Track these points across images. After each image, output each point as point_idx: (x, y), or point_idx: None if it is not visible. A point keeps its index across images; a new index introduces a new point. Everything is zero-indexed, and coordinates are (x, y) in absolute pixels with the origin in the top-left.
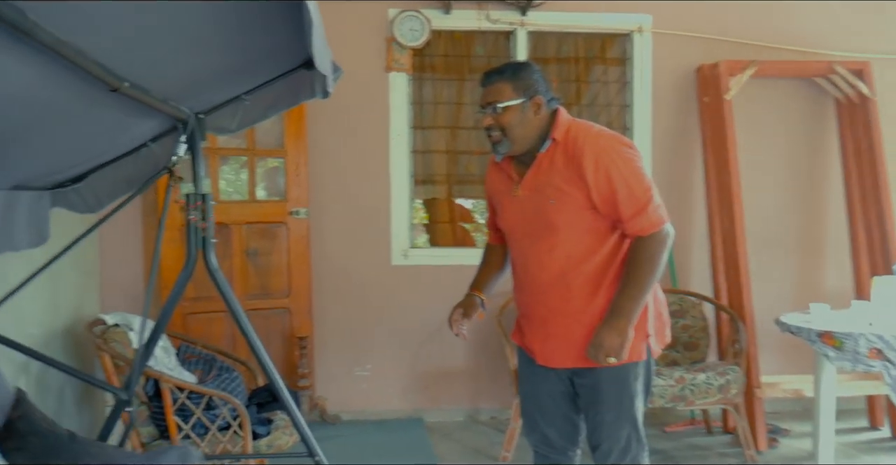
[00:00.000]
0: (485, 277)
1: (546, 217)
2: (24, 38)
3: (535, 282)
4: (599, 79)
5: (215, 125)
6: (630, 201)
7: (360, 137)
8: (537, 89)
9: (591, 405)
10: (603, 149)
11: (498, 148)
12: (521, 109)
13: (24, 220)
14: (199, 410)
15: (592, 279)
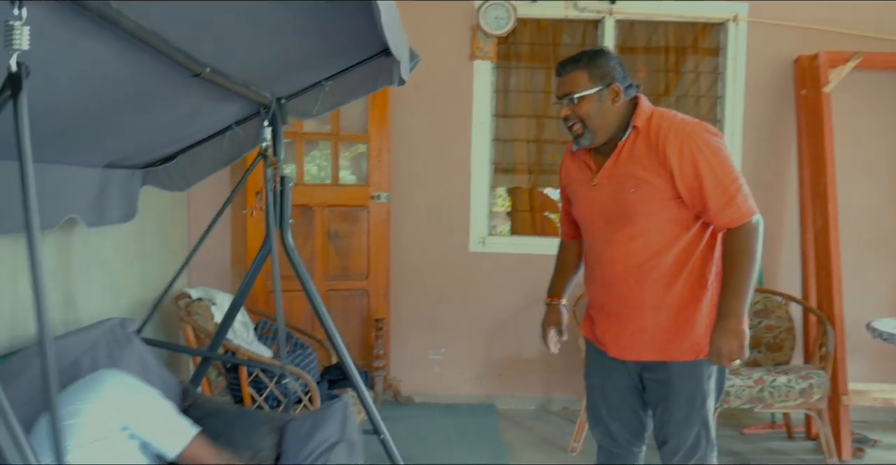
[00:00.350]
0: (562, 281)
1: (625, 207)
2: (109, 27)
3: (609, 273)
4: (690, 70)
5: (297, 110)
6: (718, 191)
7: (442, 125)
8: (614, 77)
9: (660, 400)
10: (689, 136)
11: (580, 141)
12: (599, 98)
13: (116, 196)
14: (273, 383)
15: (670, 271)
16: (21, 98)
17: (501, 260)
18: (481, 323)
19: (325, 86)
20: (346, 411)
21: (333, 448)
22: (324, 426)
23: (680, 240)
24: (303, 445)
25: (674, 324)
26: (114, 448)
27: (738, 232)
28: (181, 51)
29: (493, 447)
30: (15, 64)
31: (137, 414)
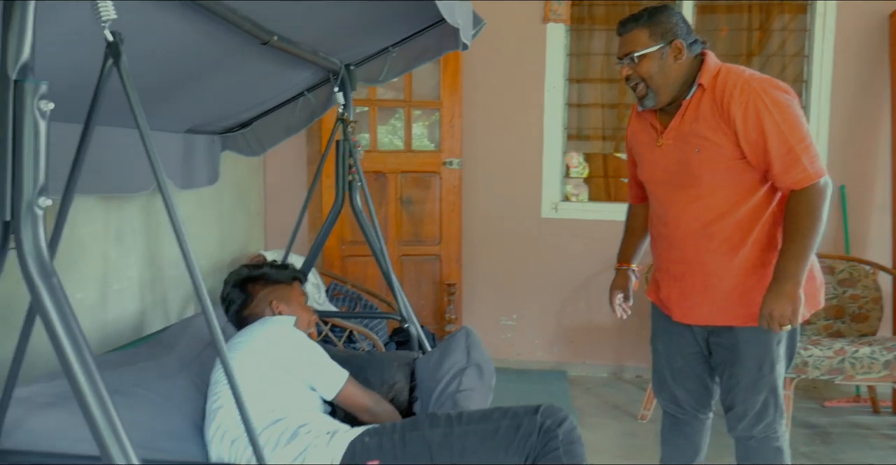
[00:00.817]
0: (631, 246)
1: (689, 168)
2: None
3: (674, 236)
4: (775, 27)
5: (365, 76)
6: (783, 150)
7: (514, 89)
8: (677, 33)
9: (726, 366)
10: (754, 92)
11: (644, 102)
12: (660, 56)
13: (201, 160)
14: (341, 342)
15: (735, 234)
16: (122, 63)
17: (574, 226)
18: (553, 289)
19: (392, 52)
20: (469, 338)
21: (463, 372)
22: (450, 355)
23: (746, 202)
24: (434, 373)
25: (741, 288)
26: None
27: (802, 194)
28: (249, 20)
29: None
30: (110, 34)
31: (296, 360)
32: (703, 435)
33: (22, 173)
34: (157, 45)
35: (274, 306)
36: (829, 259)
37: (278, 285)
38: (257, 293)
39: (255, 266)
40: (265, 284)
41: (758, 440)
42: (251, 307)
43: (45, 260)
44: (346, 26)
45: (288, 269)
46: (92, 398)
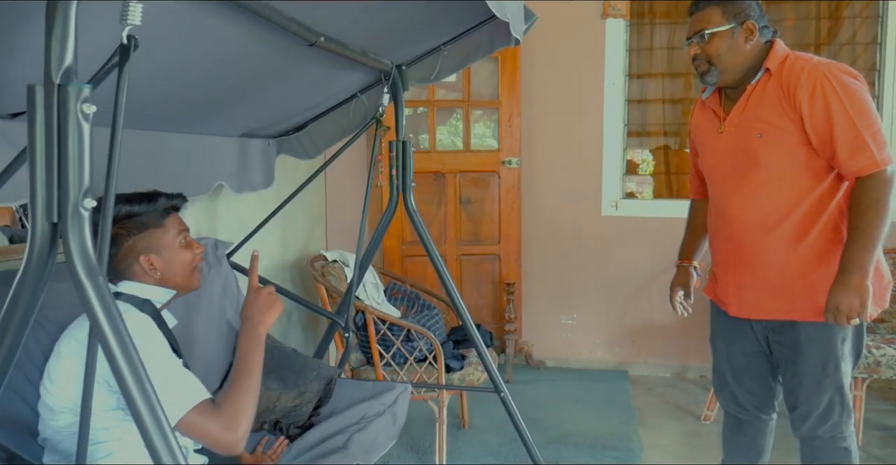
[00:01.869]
0: (693, 242)
1: (752, 154)
2: (227, 2)
3: (733, 226)
4: (845, 15)
5: (417, 76)
6: (850, 136)
7: (573, 86)
8: (749, 14)
9: (788, 364)
10: (822, 76)
11: (706, 78)
12: (731, 35)
13: (256, 164)
14: (399, 341)
15: (799, 225)
16: (126, 68)
17: (634, 224)
18: (614, 288)
19: (444, 50)
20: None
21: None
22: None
23: (811, 192)
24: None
25: (803, 281)
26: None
27: (868, 181)
28: (296, 21)
29: (622, 412)
30: (126, 37)
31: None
32: (766, 436)
33: (67, 176)
34: (208, 49)
35: (144, 262)
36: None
37: (147, 232)
38: (122, 245)
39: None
40: (129, 231)
41: (824, 441)
42: (116, 263)
43: (91, 260)
44: (395, 26)
45: (157, 198)
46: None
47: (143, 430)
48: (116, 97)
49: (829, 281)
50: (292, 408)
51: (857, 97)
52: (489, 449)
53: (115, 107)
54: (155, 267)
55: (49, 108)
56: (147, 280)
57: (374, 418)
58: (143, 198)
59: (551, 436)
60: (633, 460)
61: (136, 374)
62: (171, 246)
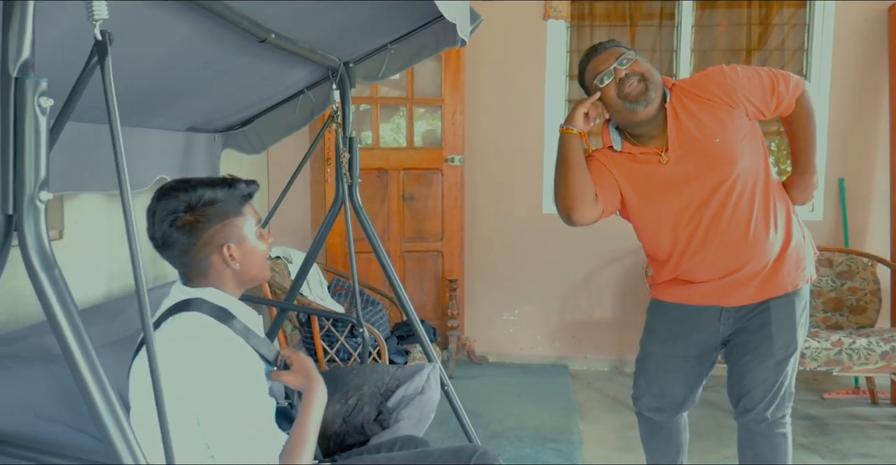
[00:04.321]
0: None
1: (714, 161)
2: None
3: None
4: (775, 22)
5: (364, 73)
6: (776, 77)
7: (515, 86)
8: None
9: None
10: (720, 69)
11: (647, 95)
12: (647, 61)
13: (201, 158)
14: (343, 337)
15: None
16: (107, 63)
17: None
18: (554, 284)
19: (391, 49)
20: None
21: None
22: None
23: (768, 175)
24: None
25: (778, 260)
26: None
27: (802, 97)
28: (247, 18)
29: (563, 406)
30: (99, 33)
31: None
32: (682, 434)
33: (24, 168)
34: (154, 43)
35: (226, 252)
36: (828, 252)
37: (229, 220)
38: (202, 233)
39: (192, 185)
40: (211, 219)
41: (768, 425)
42: (193, 253)
43: (46, 252)
44: (344, 24)
45: (237, 184)
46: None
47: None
48: (106, 95)
49: (797, 252)
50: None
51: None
52: (432, 443)
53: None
54: (235, 258)
55: (6, 101)
56: (223, 273)
57: (415, 395)
58: (224, 183)
59: (493, 430)
60: (574, 452)
61: (95, 371)
62: (250, 236)
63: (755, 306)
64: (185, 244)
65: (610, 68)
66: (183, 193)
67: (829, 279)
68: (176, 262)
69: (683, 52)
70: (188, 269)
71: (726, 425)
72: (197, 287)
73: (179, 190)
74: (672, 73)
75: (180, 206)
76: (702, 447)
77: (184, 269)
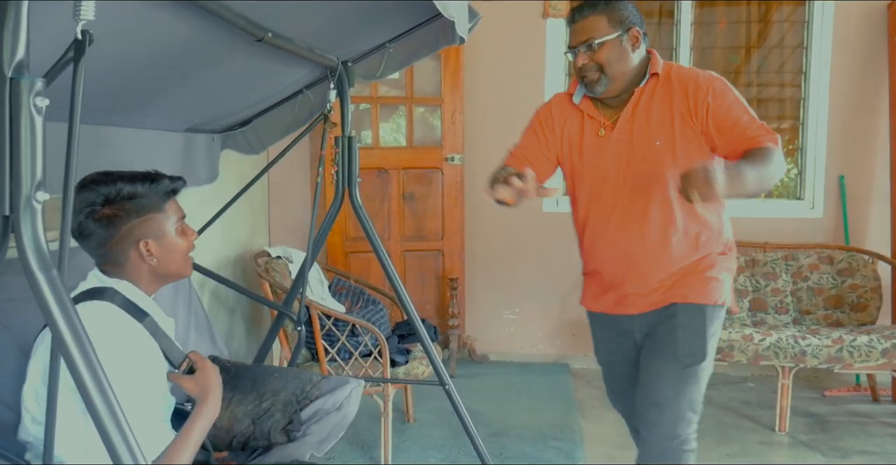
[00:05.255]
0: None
1: (653, 161)
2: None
3: (626, 236)
4: (774, 19)
5: (363, 72)
6: (749, 120)
7: (515, 85)
8: (634, 21)
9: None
10: (715, 78)
11: (596, 87)
12: (620, 43)
13: (200, 159)
14: (344, 336)
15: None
16: (82, 63)
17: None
18: (555, 283)
19: (389, 48)
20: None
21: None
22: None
23: None
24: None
25: (686, 267)
26: None
27: (771, 148)
28: (243, 17)
29: (563, 404)
30: (80, 32)
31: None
32: None
33: (20, 169)
34: (150, 43)
35: (143, 247)
36: (829, 249)
37: (148, 215)
38: (120, 227)
39: (113, 178)
40: (129, 214)
41: (681, 441)
42: (110, 246)
43: (44, 253)
44: (341, 23)
45: (160, 180)
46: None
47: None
48: (73, 92)
49: (707, 262)
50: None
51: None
52: (433, 442)
53: (71, 102)
54: (152, 254)
55: (1, 101)
56: (140, 268)
57: (331, 411)
58: (146, 179)
59: (495, 429)
60: (575, 450)
61: (93, 369)
62: (170, 232)
63: (662, 310)
64: (102, 237)
65: (575, 49)
66: (103, 186)
67: (829, 277)
68: (93, 253)
69: (683, 49)
70: (104, 260)
71: (727, 423)
72: (113, 278)
73: (99, 183)
74: None
75: (98, 198)
76: (702, 445)
77: (100, 260)
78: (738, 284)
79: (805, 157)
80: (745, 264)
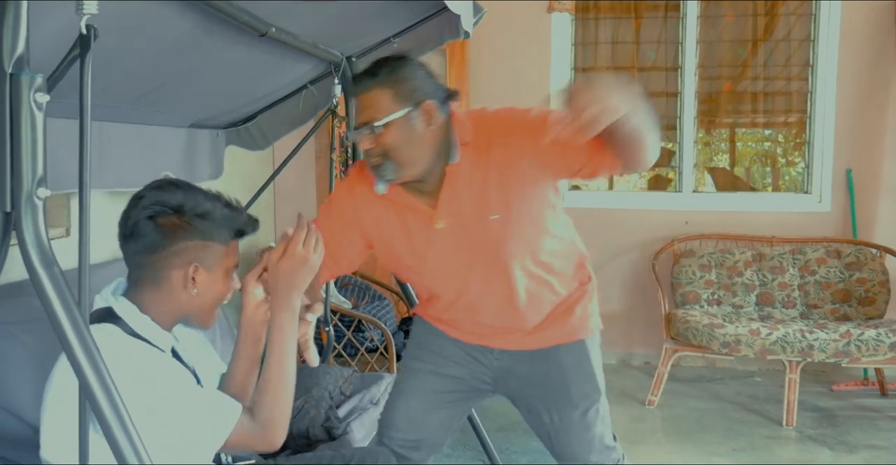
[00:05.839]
0: None
1: (495, 238)
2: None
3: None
4: (781, 12)
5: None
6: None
7: (520, 80)
8: (425, 91)
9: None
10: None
11: (381, 174)
12: (408, 122)
13: (205, 155)
14: (350, 331)
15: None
16: (88, 58)
17: (582, 215)
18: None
19: (394, 42)
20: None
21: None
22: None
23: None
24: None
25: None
26: None
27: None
28: (247, 12)
29: None
30: (84, 27)
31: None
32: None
33: (21, 165)
34: (153, 39)
35: (191, 272)
36: (836, 243)
37: (211, 242)
38: (175, 243)
39: (194, 190)
40: (195, 232)
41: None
42: (157, 257)
43: (45, 250)
44: (346, 17)
45: (239, 216)
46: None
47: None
48: (81, 88)
49: (572, 299)
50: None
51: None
52: None
53: (80, 98)
54: (196, 283)
55: (1, 97)
56: (173, 294)
57: (368, 407)
58: (228, 205)
59: (501, 423)
60: None
61: (98, 370)
62: (221, 270)
63: (538, 352)
64: (154, 245)
65: (356, 131)
66: (181, 191)
67: (837, 271)
68: (133, 260)
69: (689, 43)
70: (142, 272)
71: (734, 417)
72: (135, 301)
73: (180, 187)
74: (678, 65)
75: (172, 202)
76: (710, 440)
77: (138, 270)
78: (746, 278)
79: (812, 150)
80: (752, 259)
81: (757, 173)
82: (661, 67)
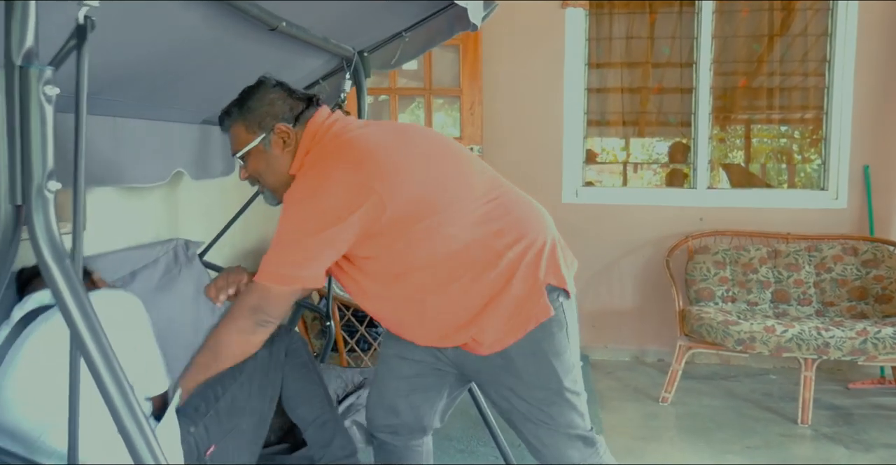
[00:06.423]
0: None
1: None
2: None
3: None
4: (797, 6)
5: (378, 62)
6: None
7: (534, 75)
8: (276, 114)
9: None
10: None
11: (266, 201)
12: (264, 149)
13: (217, 151)
14: (363, 327)
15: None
16: (85, 49)
17: (594, 211)
18: (574, 275)
19: (405, 36)
20: None
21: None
22: None
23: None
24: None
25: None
26: None
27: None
28: (257, 6)
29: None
30: (82, 17)
31: None
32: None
33: (31, 158)
34: (164, 34)
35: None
36: (853, 240)
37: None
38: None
39: None
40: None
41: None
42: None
43: (56, 243)
44: (357, 12)
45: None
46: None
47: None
48: (77, 79)
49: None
50: None
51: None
52: (452, 433)
53: (76, 89)
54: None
55: (10, 90)
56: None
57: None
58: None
59: None
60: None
61: (109, 363)
62: None
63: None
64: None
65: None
66: None
67: (854, 268)
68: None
69: (704, 39)
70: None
71: (749, 415)
72: None
73: None
74: (693, 61)
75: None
76: (724, 438)
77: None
78: (761, 275)
79: (829, 147)
80: (768, 255)
81: (773, 170)
82: (676, 63)
